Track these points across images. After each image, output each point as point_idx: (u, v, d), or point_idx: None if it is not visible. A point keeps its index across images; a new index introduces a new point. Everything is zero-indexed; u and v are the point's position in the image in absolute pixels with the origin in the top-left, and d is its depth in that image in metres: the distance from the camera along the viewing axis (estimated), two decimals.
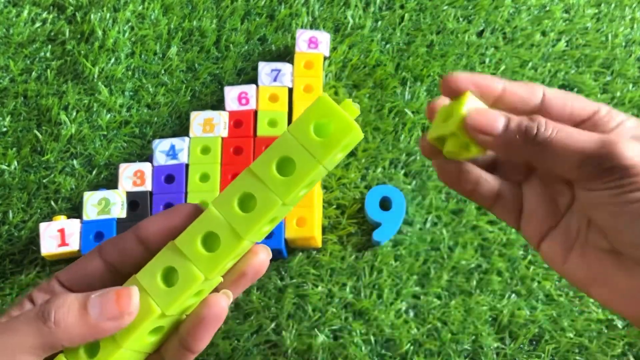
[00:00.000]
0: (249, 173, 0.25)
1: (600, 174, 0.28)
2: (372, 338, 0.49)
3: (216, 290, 0.28)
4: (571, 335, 0.49)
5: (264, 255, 0.28)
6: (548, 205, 0.32)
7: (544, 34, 0.60)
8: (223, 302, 0.26)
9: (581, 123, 0.30)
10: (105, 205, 0.51)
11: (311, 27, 0.60)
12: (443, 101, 0.32)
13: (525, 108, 0.31)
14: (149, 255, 0.26)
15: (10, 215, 0.53)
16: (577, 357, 0.49)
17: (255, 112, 0.55)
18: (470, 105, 0.29)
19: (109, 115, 0.57)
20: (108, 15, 0.60)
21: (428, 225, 0.53)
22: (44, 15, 0.60)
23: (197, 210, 0.26)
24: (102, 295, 0.24)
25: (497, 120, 0.29)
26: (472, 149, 0.30)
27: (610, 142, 0.27)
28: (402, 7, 0.61)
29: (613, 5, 0.61)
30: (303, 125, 0.26)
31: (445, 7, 0.61)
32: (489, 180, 0.33)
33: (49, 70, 0.58)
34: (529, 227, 0.33)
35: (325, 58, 0.58)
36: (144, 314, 0.24)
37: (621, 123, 0.30)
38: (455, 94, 0.30)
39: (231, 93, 0.55)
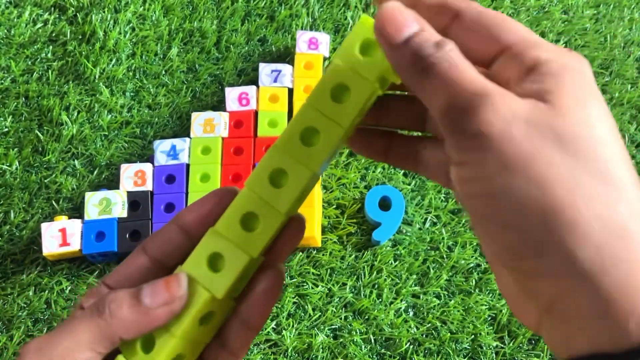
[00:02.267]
0: (276, 150, 0.25)
1: (453, 131, 0.21)
2: (371, 337, 0.49)
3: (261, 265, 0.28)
4: None
5: (299, 223, 0.28)
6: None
7: (543, 34, 0.60)
8: (278, 274, 0.27)
9: (487, 62, 0.22)
10: (107, 205, 0.51)
11: (311, 28, 0.60)
12: None
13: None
14: (191, 243, 0.27)
15: (12, 215, 0.53)
16: None
17: (256, 113, 0.55)
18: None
19: (110, 116, 0.57)
20: (109, 16, 0.60)
21: (427, 225, 0.53)
22: (45, 16, 0.61)
23: (232, 193, 0.27)
24: (152, 285, 0.25)
25: (406, 26, 0.22)
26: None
27: (488, 94, 0.20)
28: None
29: (612, 6, 0.61)
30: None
31: None
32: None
33: (50, 71, 0.58)
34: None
35: (325, 59, 0.58)
36: (195, 300, 0.25)
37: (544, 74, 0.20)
38: None
39: (232, 94, 0.56)
